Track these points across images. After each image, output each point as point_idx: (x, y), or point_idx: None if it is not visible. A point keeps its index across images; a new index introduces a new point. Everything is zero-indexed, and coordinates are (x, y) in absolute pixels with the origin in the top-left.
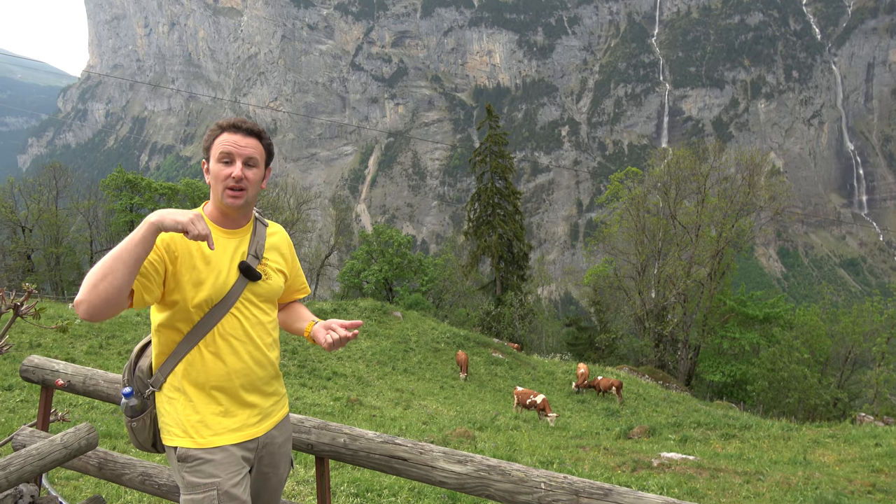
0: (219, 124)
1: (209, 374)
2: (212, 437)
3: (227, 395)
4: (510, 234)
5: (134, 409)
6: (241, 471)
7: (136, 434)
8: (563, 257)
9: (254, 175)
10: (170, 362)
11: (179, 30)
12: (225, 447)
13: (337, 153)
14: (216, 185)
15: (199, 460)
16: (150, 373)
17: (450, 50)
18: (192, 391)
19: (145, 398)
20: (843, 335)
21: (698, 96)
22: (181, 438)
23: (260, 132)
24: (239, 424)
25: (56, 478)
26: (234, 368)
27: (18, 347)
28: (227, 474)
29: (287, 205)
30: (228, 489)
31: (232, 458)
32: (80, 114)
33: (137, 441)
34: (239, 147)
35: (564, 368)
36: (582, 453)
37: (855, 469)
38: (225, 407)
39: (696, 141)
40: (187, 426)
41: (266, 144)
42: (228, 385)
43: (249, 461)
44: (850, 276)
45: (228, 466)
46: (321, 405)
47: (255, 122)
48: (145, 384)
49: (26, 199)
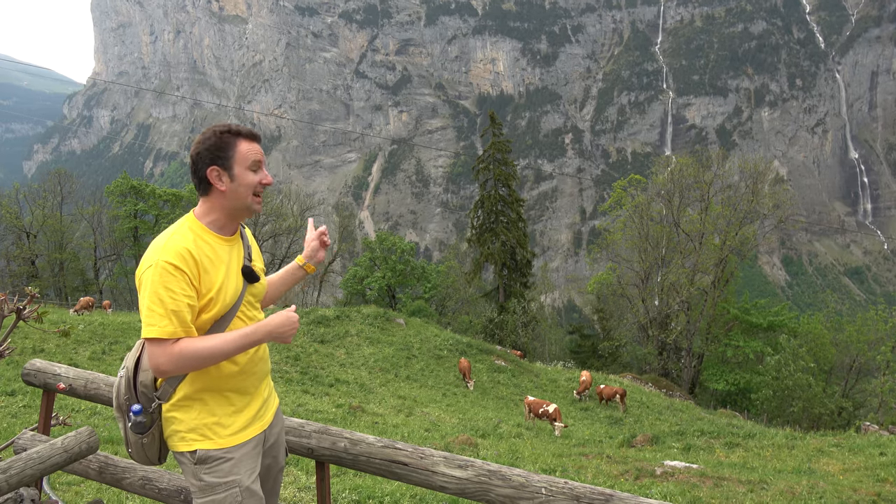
0: (229, 131)
1: (223, 378)
2: (229, 437)
3: (239, 393)
4: (513, 242)
5: (143, 425)
6: (257, 467)
7: (145, 450)
8: (567, 265)
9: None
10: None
11: (185, 37)
12: (242, 444)
13: (340, 160)
14: (243, 192)
15: (220, 460)
16: (154, 386)
17: (453, 58)
18: (208, 396)
19: (151, 412)
20: (848, 344)
21: (702, 104)
22: (200, 441)
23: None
24: (250, 419)
25: (58, 483)
26: (245, 367)
27: (22, 353)
28: (246, 471)
29: (290, 211)
30: (249, 485)
31: (249, 454)
32: (86, 120)
33: (146, 456)
34: (262, 155)
35: (567, 376)
36: (585, 461)
37: (859, 478)
38: (237, 406)
39: (699, 149)
40: (205, 429)
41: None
42: (242, 384)
43: (260, 455)
44: (854, 284)
45: (247, 463)
46: (323, 412)
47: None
48: (150, 399)
49: (31, 205)
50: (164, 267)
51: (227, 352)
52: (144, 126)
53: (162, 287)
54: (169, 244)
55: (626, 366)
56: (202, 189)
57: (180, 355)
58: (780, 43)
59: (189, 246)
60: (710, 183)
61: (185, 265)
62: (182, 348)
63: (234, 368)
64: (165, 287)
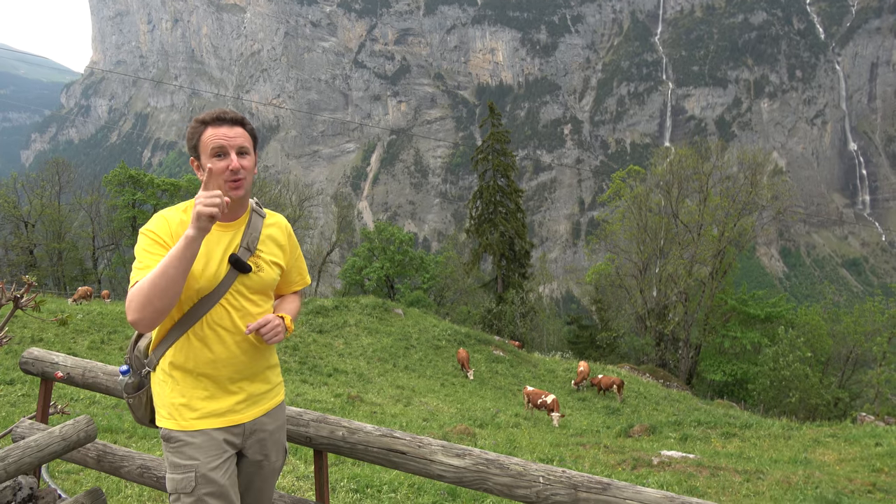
0: (199, 120)
1: (196, 360)
2: (193, 421)
3: (212, 381)
4: (512, 232)
5: (130, 386)
6: (222, 455)
7: (133, 410)
8: (565, 255)
9: (249, 163)
10: (162, 346)
11: (182, 26)
12: (206, 431)
13: (339, 150)
14: (214, 181)
15: (181, 442)
16: (146, 353)
17: (453, 48)
18: (179, 375)
19: (142, 376)
20: (845, 335)
21: (701, 95)
22: (166, 420)
23: (242, 119)
24: (224, 410)
25: (56, 472)
26: (220, 356)
27: (20, 342)
28: (206, 458)
29: (289, 202)
30: (206, 472)
31: (212, 442)
32: (83, 110)
33: (136, 416)
34: (229, 138)
35: (565, 366)
36: (582, 451)
37: (855, 468)
38: (210, 392)
39: (698, 140)
40: (172, 409)
41: (250, 130)
42: (214, 372)
43: (235, 446)
44: (852, 276)
45: (209, 450)
46: (322, 401)
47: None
48: (142, 363)
49: (29, 195)
50: (144, 233)
51: (166, 268)
52: (142, 115)
53: (141, 249)
54: (156, 217)
55: (623, 356)
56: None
57: (131, 294)
58: (781, 34)
59: (172, 222)
60: (709, 174)
61: (163, 232)
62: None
63: (209, 355)
64: (144, 249)
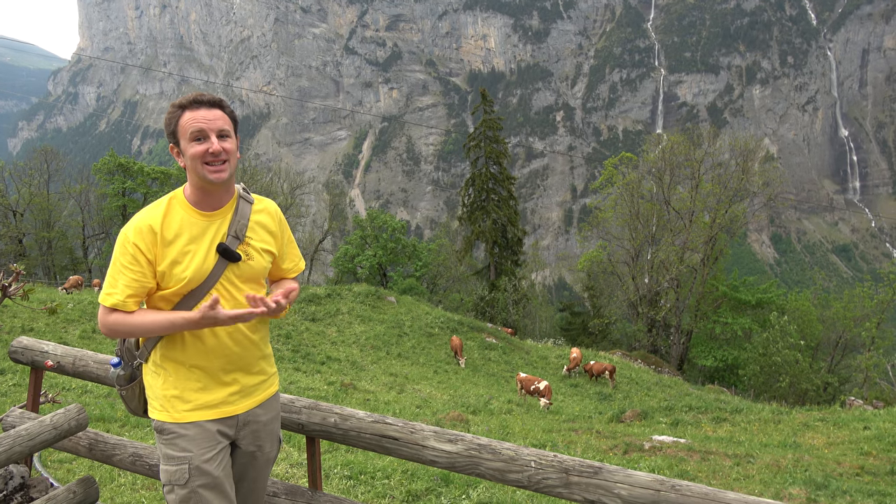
0: (176, 104)
1: (187, 352)
2: (186, 413)
3: (205, 372)
4: (504, 220)
5: (122, 378)
6: (216, 446)
7: (126, 401)
8: (558, 243)
9: (231, 145)
10: (154, 338)
11: (171, 12)
12: (199, 423)
13: (331, 138)
14: (195, 165)
15: (174, 434)
16: (137, 345)
17: (444, 34)
18: (171, 367)
19: (134, 368)
20: (835, 320)
21: (693, 82)
22: (158, 412)
23: (221, 101)
24: (217, 401)
25: (49, 461)
26: (212, 347)
27: (10, 331)
28: (199, 450)
29: (281, 189)
30: (200, 464)
31: (206, 433)
32: (71, 97)
33: (129, 408)
34: (208, 121)
35: (558, 353)
36: (574, 436)
37: (844, 452)
38: (203, 384)
39: (690, 127)
40: (164, 401)
41: (229, 112)
42: (206, 363)
43: (229, 437)
44: (842, 262)
45: (202, 442)
46: (315, 389)
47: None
48: (133, 355)
49: (17, 184)
50: (123, 241)
51: (151, 330)
52: (131, 103)
53: (117, 260)
54: (136, 218)
55: (615, 343)
56: None
57: (112, 326)
58: (773, 20)
59: (153, 220)
60: (701, 161)
61: (142, 240)
62: (115, 320)
63: (201, 347)
64: (119, 261)
